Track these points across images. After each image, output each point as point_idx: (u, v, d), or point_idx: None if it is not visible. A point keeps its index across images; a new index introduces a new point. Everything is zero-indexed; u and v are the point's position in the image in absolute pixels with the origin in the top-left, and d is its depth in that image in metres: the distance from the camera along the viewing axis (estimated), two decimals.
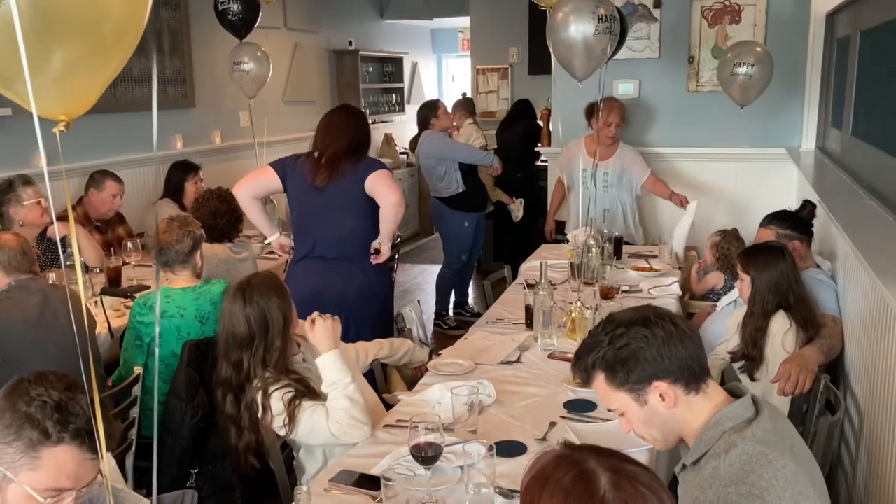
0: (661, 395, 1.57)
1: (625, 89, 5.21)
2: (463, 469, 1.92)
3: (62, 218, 4.09)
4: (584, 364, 1.64)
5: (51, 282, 3.16)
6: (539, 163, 6.72)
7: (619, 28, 3.60)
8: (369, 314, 3.35)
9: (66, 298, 2.80)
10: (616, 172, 4.77)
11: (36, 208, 3.74)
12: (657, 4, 5.08)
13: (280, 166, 3.38)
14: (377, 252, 3.36)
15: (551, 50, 3.73)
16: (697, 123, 5.17)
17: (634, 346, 1.56)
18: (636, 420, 1.63)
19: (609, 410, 1.70)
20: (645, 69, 5.19)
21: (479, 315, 5.53)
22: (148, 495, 2.12)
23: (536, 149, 6.28)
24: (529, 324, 3.07)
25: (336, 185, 3.27)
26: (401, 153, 8.85)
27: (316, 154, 3.35)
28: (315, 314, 2.39)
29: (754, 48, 4.52)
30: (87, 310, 2.85)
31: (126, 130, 5.00)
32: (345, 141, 3.30)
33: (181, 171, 4.81)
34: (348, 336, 3.17)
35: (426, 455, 1.85)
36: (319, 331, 2.35)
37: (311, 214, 3.35)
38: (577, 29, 3.51)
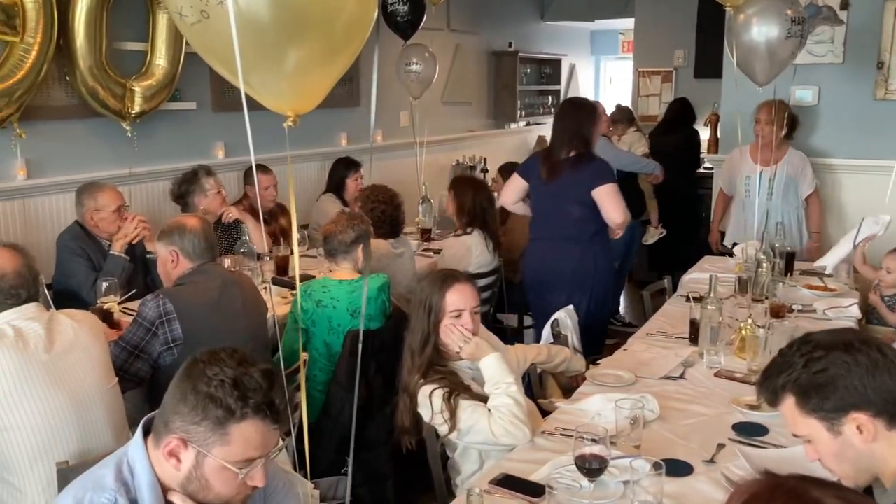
0: (858, 428, 1.45)
1: (802, 96, 4.88)
2: (627, 484, 1.85)
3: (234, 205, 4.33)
4: (772, 385, 1.53)
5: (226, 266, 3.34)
6: (702, 170, 6.46)
7: (806, 32, 3.38)
8: (588, 289, 3.71)
9: (242, 284, 2.94)
10: (781, 179, 4.49)
11: (217, 198, 3.98)
12: (844, 6, 4.73)
13: (523, 170, 3.85)
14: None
15: (731, 52, 3.55)
16: (885, 134, 4.76)
17: (833, 373, 1.44)
18: (826, 451, 1.51)
19: (794, 436, 1.58)
20: (826, 75, 4.84)
21: (630, 325, 5.39)
22: (306, 477, 2.20)
23: (702, 155, 6.01)
24: (694, 339, 2.94)
25: (562, 181, 3.60)
26: None
27: (549, 149, 3.75)
28: (462, 343, 2.38)
29: None
30: (261, 297, 3.00)
31: (295, 127, 5.23)
32: (566, 138, 3.63)
33: (343, 168, 4.98)
34: (581, 305, 3.53)
35: (591, 467, 1.80)
36: (475, 345, 2.37)
37: (543, 204, 3.76)
38: (761, 31, 3.33)
